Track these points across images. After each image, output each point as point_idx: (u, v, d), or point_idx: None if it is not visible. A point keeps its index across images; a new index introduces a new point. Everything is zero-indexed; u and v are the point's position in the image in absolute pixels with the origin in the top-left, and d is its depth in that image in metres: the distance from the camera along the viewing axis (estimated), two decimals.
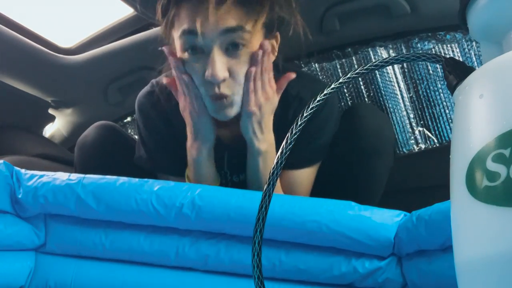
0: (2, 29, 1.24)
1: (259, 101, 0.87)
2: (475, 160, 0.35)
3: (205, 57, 0.83)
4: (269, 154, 0.92)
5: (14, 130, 1.47)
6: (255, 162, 0.92)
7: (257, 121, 0.89)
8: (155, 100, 1.01)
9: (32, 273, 0.85)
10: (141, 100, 1.03)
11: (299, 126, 0.50)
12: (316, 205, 0.80)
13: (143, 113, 1.02)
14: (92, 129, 1.07)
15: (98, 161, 1.04)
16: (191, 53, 0.85)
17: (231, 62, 0.84)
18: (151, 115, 1.01)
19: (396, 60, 0.49)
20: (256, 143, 0.90)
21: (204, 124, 0.90)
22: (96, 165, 1.02)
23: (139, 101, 1.04)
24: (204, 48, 0.83)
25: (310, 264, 0.80)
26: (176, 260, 0.82)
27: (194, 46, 0.84)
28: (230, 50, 0.84)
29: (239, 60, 0.84)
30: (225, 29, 0.81)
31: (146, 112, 1.02)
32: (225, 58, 0.83)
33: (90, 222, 0.85)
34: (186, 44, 0.84)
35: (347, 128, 1.00)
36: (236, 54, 0.84)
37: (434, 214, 0.73)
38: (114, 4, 1.30)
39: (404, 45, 1.38)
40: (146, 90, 1.03)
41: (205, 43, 0.83)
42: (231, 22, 0.81)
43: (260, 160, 0.91)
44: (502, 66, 0.37)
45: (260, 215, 0.50)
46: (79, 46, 1.47)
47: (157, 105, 1.00)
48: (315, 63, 1.46)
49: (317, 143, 0.99)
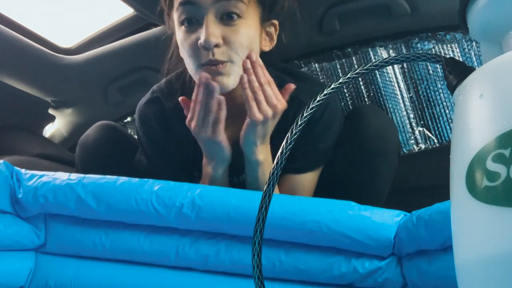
0: (2, 29, 1.24)
1: (266, 112, 0.85)
2: (475, 160, 0.35)
3: (199, 27, 0.85)
4: (266, 162, 0.91)
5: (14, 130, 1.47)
6: (253, 172, 0.92)
7: (262, 133, 0.87)
8: (156, 108, 1.00)
9: (32, 273, 0.85)
10: (141, 108, 1.03)
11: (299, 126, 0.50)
12: (316, 205, 0.80)
13: (143, 121, 1.02)
14: (93, 128, 1.07)
15: (99, 160, 1.03)
16: (187, 25, 0.86)
17: (225, 30, 0.85)
18: (152, 123, 1.01)
19: (396, 60, 0.49)
20: (254, 155, 0.90)
21: (220, 149, 0.89)
22: (98, 164, 1.02)
23: (139, 110, 1.03)
24: (199, 17, 0.85)
25: (310, 264, 0.80)
26: (176, 260, 0.82)
27: (190, 18, 0.85)
28: (225, 20, 0.85)
29: (234, 29, 0.85)
30: None
31: (147, 121, 1.01)
32: (220, 25, 0.85)
33: (90, 222, 0.85)
34: (182, 16, 0.86)
35: (351, 130, 1.00)
36: (230, 23, 0.85)
37: (434, 214, 0.73)
38: (114, 4, 1.30)
39: (404, 45, 1.38)
40: (147, 98, 1.03)
41: (200, 12, 0.84)
42: None
43: (258, 170, 0.91)
44: (502, 66, 0.37)
45: (260, 215, 0.50)
46: (79, 46, 1.47)
47: (158, 113, 1.00)
48: (315, 63, 1.46)
49: (321, 147, 0.99)
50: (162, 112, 0.99)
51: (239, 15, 0.85)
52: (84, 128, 1.60)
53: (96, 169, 0.92)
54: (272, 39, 0.96)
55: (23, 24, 1.31)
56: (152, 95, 1.03)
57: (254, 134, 0.87)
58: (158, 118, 1.00)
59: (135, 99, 1.58)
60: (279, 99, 0.87)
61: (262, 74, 0.85)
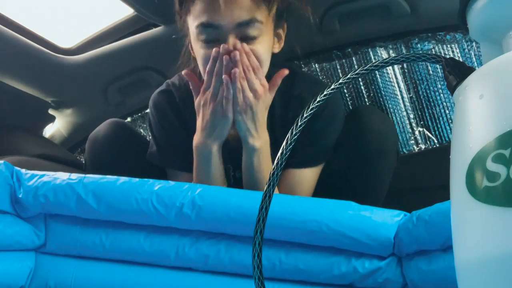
0: (2, 29, 1.24)
1: (248, 100, 0.89)
2: (475, 160, 0.35)
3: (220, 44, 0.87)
4: (263, 151, 0.92)
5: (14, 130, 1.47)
6: (249, 160, 0.93)
7: (250, 118, 0.90)
8: (170, 98, 1.03)
9: (32, 273, 0.85)
10: (156, 97, 1.06)
11: (299, 126, 0.50)
12: (316, 204, 0.80)
13: (158, 109, 1.05)
14: (104, 125, 1.09)
15: (109, 157, 1.05)
16: (206, 42, 0.89)
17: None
18: (166, 111, 1.03)
19: (396, 60, 0.49)
20: (250, 140, 0.91)
21: (224, 125, 0.91)
22: (107, 161, 1.03)
23: (154, 99, 1.06)
24: (220, 38, 0.88)
25: (310, 264, 0.80)
26: (176, 260, 0.82)
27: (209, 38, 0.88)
28: (244, 40, 0.88)
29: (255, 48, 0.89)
30: (240, 22, 0.86)
31: (161, 109, 1.04)
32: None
33: (90, 222, 0.85)
34: (202, 36, 0.89)
35: (351, 129, 1.01)
36: (251, 42, 0.88)
37: (434, 214, 0.73)
38: (114, 4, 1.30)
39: (404, 45, 1.38)
40: (161, 88, 1.07)
41: (221, 34, 0.87)
42: (244, 15, 0.86)
43: (254, 157, 0.92)
44: (502, 66, 0.37)
45: (261, 216, 0.50)
46: (79, 46, 1.47)
47: (172, 102, 1.03)
48: (315, 63, 1.46)
49: (321, 143, 0.99)
50: (176, 103, 1.03)
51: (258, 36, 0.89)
52: (84, 128, 1.61)
53: (105, 165, 0.93)
54: (280, 40, 0.98)
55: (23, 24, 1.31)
56: (166, 87, 1.06)
57: (243, 121, 0.90)
58: (172, 107, 1.03)
59: (135, 99, 1.59)
60: (263, 84, 0.90)
61: (247, 61, 0.88)
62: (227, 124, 0.91)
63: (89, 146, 1.08)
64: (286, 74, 0.92)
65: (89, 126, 1.10)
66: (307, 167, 1.00)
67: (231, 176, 1.04)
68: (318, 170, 1.01)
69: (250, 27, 0.87)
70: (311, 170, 1.00)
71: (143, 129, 1.65)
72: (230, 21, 0.86)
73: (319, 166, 1.01)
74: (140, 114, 1.65)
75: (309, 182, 1.00)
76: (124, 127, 1.11)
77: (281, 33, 0.98)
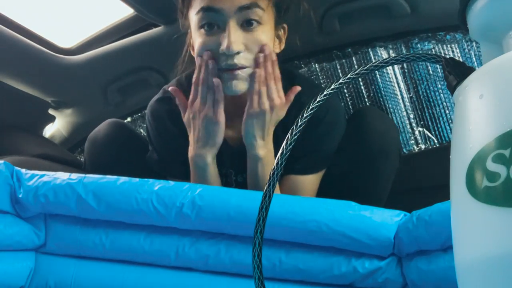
0: (2, 29, 1.24)
1: (263, 105, 0.88)
2: (475, 160, 0.35)
3: (220, 32, 0.88)
4: (268, 160, 0.92)
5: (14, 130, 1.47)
6: (254, 168, 0.93)
7: (260, 125, 0.89)
8: (167, 105, 1.02)
9: (32, 273, 0.85)
10: (153, 105, 1.05)
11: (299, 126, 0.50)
12: (316, 204, 0.80)
13: (155, 117, 1.04)
14: (103, 125, 1.09)
15: (108, 157, 1.05)
16: (207, 29, 0.89)
17: (246, 36, 0.88)
18: (164, 119, 1.02)
19: (396, 60, 0.49)
20: (256, 148, 0.91)
21: (217, 131, 0.91)
22: (106, 161, 1.03)
23: (151, 107, 1.05)
24: (220, 23, 0.88)
25: (310, 264, 0.80)
26: (176, 260, 0.82)
27: (210, 23, 0.88)
28: (244, 26, 0.88)
29: (254, 35, 0.88)
30: (241, 6, 0.86)
31: (158, 117, 1.03)
32: (241, 32, 0.88)
33: (90, 222, 0.85)
34: (203, 20, 0.88)
35: (353, 131, 1.01)
36: (250, 29, 0.88)
37: (434, 214, 0.73)
38: (114, 4, 1.30)
39: (404, 45, 1.38)
40: (158, 96, 1.06)
41: (222, 19, 0.87)
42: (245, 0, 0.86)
43: (258, 165, 0.92)
44: (502, 66, 0.37)
45: (261, 216, 0.50)
46: (79, 46, 1.47)
47: (169, 110, 1.02)
48: (315, 63, 1.46)
49: (324, 149, 0.99)
50: (173, 110, 1.01)
51: (258, 22, 0.88)
52: (84, 128, 1.61)
53: (104, 165, 0.93)
54: (281, 42, 0.99)
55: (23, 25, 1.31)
56: (163, 94, 1.05)
57: (252, 126, 0.90)
58: (169, 115, 1.02)
59: (135, 99, 1.59)
60: (281, 96, 0.90)
61: (271, 70, 0.89)
62: (219, 129, 0.90)
63: (89, 146, 1.08)
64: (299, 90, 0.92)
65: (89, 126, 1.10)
66: (309, 173, 0.99)
67: (233, 180, 1.04)
68: (319, 176, 1.02)
69: (251, 11, 0.87)
70: (313, 176, 1.00)
71: (143, 129, 1.65)
72: (231, 4, 0.86)
73: (320, 172, 1.02)
74: (140, 114, 1.66)
75: (311, 188, 1.00)
76: (124, 127, 1.11)
77: (281, 35, 0.98)
